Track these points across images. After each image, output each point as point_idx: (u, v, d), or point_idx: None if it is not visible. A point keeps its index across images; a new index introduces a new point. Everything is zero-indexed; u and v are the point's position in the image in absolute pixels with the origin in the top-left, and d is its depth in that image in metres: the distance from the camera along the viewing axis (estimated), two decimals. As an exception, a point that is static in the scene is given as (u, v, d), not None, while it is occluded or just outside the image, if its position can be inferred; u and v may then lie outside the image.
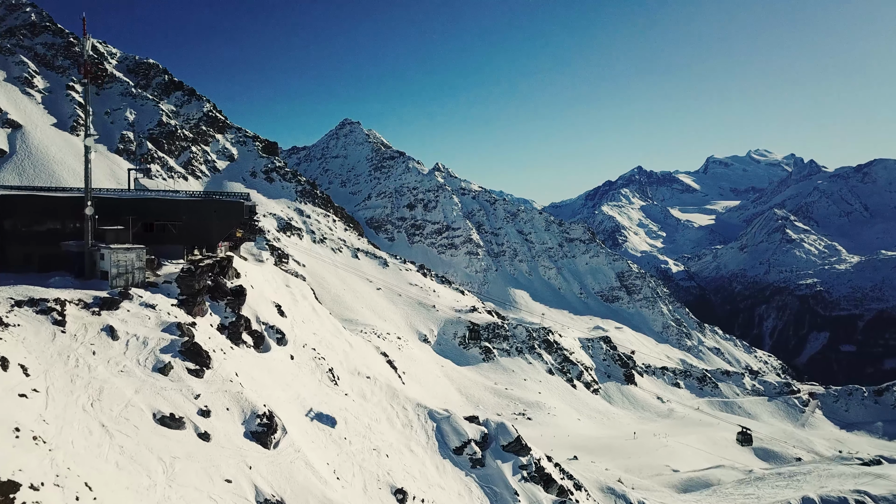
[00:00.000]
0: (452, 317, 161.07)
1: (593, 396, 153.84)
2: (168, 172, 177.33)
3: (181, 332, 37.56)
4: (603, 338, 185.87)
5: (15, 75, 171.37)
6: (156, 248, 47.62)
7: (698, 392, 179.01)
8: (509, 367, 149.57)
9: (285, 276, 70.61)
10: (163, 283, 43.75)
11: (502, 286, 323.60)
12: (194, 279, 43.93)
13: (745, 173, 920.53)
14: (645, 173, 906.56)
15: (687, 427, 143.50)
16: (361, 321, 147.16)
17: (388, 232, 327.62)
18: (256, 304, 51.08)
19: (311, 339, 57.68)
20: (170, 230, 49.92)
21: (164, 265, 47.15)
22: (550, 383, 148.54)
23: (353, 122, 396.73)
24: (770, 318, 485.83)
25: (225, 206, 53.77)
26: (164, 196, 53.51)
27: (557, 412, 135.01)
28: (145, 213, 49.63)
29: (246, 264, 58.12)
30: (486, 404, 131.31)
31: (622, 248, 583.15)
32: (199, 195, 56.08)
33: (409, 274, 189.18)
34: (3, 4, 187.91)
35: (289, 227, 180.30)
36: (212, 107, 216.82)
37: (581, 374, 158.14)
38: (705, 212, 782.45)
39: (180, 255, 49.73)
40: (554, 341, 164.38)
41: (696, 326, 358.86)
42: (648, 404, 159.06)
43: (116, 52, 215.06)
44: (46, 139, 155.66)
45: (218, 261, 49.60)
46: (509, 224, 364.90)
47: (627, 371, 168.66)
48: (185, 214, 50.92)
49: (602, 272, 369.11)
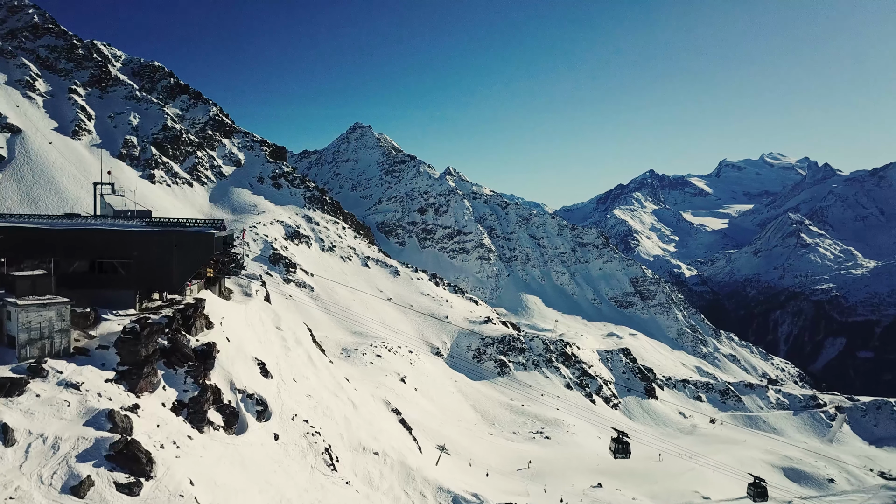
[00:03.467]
0: (466, 328, 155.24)
1: (613, 412, 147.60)
2: (172, 178, 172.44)
3: (113, 425, 27.63)
4: (622, 349, 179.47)
5: (16, 78, 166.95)
6: (98, 295, 37.93)
7: (721, 406, 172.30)
8: (525, 382, 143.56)
9: (276, 315, 60.32)
10: (97, 349, 33.24)
11: (514, 292, 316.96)
12: (140, 342, 33.58)
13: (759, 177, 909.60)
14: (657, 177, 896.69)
15: (712, 444, 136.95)
16: (371, 333, 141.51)
17: (398, 237, 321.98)
18: (231, 363, 40.79)
19: (304, 406, 46.57)
20: (117, 271, 39.58)
21: (105, 320, 36.70)
22: (568, 398, 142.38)
23: (364, 126, 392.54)
24: (785, 324, 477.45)
25: (189, 239, 41.90)
26: (108, 227, 41.20)
27: (576, 430, 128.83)
28: (83, 249, 39.43)
29: (225, 306, 47.70)
30: (502, 422, 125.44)
31: (634, 253, 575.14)
32: (157, 223, 43.74)
33: (421, 283, 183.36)
34: (5, 6, 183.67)
35: (297, 235, 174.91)
36: (218, 111, 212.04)
37: (600, 388, 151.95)
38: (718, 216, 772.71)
39: (131, 303, 39.41)
40: (572, 354, 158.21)
41: (712, 333, 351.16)
42: (670, 420, 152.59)
43: (121, 55, 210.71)
44: (47, 144, 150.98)
45: (181, 309, 39.96)
46: (521, 229, 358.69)
47: (648, 384, 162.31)
48: (138, 250, 39.93)
49: (616, 278, 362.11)
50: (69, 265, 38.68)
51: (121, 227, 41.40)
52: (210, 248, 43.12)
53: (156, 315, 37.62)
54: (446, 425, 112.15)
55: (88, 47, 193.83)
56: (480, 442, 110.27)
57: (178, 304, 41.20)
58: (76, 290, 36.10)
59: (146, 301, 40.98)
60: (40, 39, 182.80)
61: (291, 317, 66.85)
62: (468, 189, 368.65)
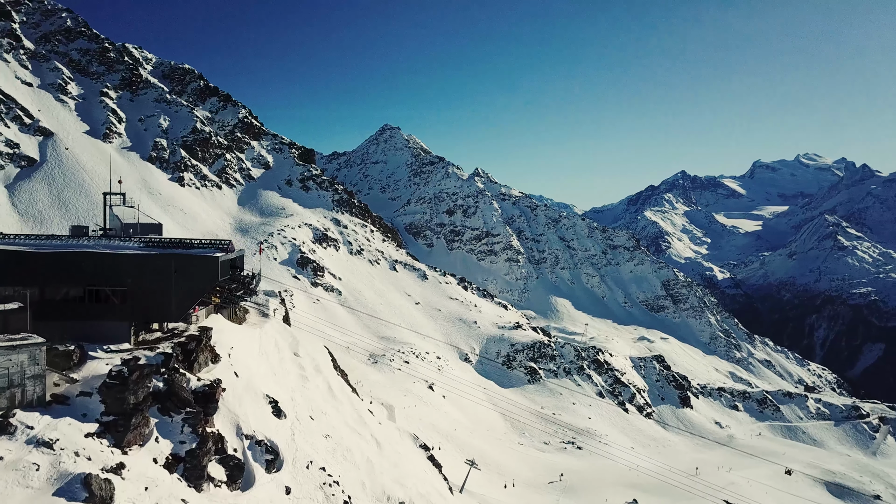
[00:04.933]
0: (495, 334, 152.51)
1: (646, 421, 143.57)
2: (201, 181, 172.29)
3: (89, 494, 22.75)
4: (656, 357, 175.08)
5: (49, 82, 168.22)
6: (87, 328, 33.65)
7: (758, 415, 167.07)
8: (557, 390, 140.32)
9: (294, 339, 54.59)
10: (78, 396, 28.44)
11: (543, 294, 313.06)
12: (127, 388, 28.61)
13: (794, 178, 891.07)
14: (689, 178, 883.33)
15: (750, 457, 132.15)
16: (399, 339, 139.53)
17: (426, 238, 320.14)
18: (239, 403, 35.84)
19: (321, 449, 41.23)
20: (109, 300, 35.17)
21: (92, 358, 31.61)
22: (601, 407, 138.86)
23: (393, 128, 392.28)
24: (821, 329, 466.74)
25: (189, 263, 36.71)
26: (99, 249, 36.27)
27: (609, 440, 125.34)
28: (71, 274, 35.01)
29: (235, 333, 43.31)
30: (533, 431, 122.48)
31: (665, 255, 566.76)
32: (156, 242, 38.80)
33: (449, 287, 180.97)
34: (39, 10, 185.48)
35: (325, 238, 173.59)
36: (247, 113, 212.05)
37: (633, 396, 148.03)
38: (752, 217, 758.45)
39: (125, 336, 34.80)
40: (604, 361, 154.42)
41: (746, 338, 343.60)
42: (706, 430, 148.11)
43: (151, 58, 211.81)
44: (78, 147, 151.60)
45: (182, 343, 35.26)
46: (551, 230, 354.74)
47: (682, 393, 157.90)
48: (132, 276, 35.39)
49: (647, 280, 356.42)
50: (55, 293, 34.45)
51: (113, 250, 36.27)
52: (213, 274, 37.51)
53: (150, 351, 33.05)
54: (475, 435, 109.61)
55: (120, 50, 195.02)
56: (510, 453, 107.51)
57: (180, 335, 37.06)
58: (62, 323, 32.86)
59: (143, 333, 36.76)
60: (73, 43, 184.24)
61: (311, 341, 60.19)
62: (497, 190, 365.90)
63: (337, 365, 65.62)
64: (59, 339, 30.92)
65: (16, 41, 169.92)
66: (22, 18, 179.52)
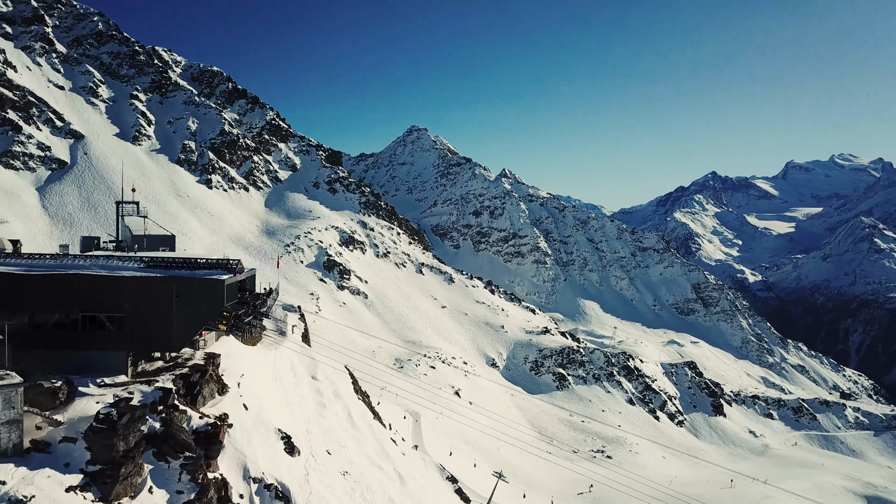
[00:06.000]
0: (523, 339, 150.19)
1: (678, 430, 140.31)
2: (229, 183, 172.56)
3: None
4: (688, 363, 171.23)
5: (80, 85, 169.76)
6: (81, 359, 30.73)
7: (794, 424, 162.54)
8: (586, 397, 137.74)
9: (313, 361, 51.23)
10: (61, 442, 25.09)
11: (571, 297, 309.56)
12: (116, 433, 25.25)
13: (828, 179, 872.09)
14: (719, 179, 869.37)
15: (786, 468, 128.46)
16: (425, 343, 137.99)
17: (453, 240, 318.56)
18: (247, 441, 31.94)
19: (338, 490, 37.28)
20: (105, 327, 31.89)
21: (82, 395, 28.13)
22: (631, 415, 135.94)
23: (421, 129, 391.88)
24: (856, 333, 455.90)
25: (193, 287, 33.07)
26: (93, 271, 32.62)
27: (640, 449, 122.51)
28: (64, 298, 31.57)
29: (247, 357, 40.17)
30: (561, 439, 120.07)
31: (695, 257, 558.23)
32: (159, 261, 35.20)
33: (476, 291, 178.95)
34: (71, 14, 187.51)
35: (351, 241, 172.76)
36: (275, 115, 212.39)
37: (664, 404, 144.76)
38: (784, 219, 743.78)
39: (121, 368, 31.74)
40: (634, 367, 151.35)
41: (779, 342, 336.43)
42: (740, 439, 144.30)
43: (181, 60, 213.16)
44: (108, 149, 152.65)
45: (185, 374, 32.01)
46: (579, 232, 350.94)
47: (715, 400, 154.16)
48: (130, 300, 31.99)
49: (677, 283, 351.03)
50: (45, 319, 31.20)
51: (110, 271, 32.87)
52: (219, 299, 33.68)
53: (148, 386, 29.68)
54: (503, 443, 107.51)
55: (150, 53, 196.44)
56: (538, 462, 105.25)
57: (183, 364, 33.90)
58: (53, 352, 30.20)
59: (143, 362, 33.57)
60: (104, 46, 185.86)
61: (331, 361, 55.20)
62: (524, 191, 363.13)
63: (358, 388, 62.13)
64: (49, 371, 28.32)
65: (48, 45, 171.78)
66: (55, 23, 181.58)
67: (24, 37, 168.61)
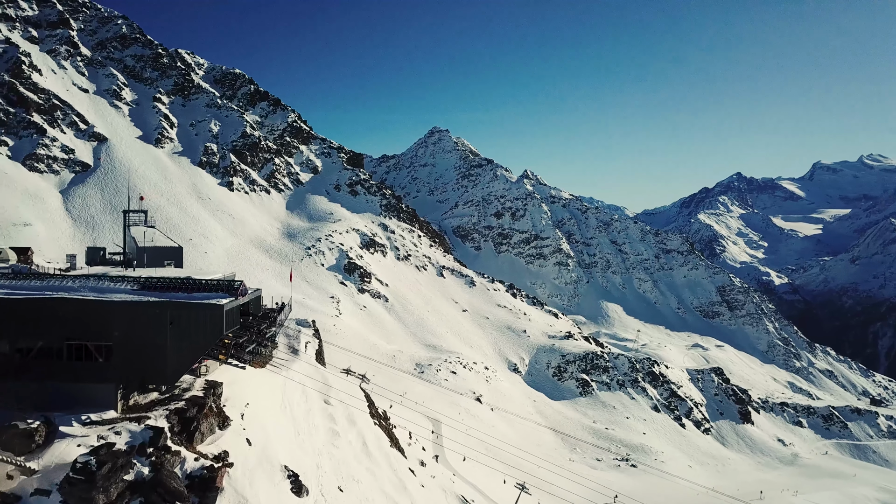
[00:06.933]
0: (545, 344, 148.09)
1: (704, 437, 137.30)
2: (250, 185, 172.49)
3: None
4: (714, 369, 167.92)
5: (104, 88, 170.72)
6: (65, 392, 28.19)
7: (824, 432, 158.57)
8: (609, 403, 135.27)
9: (326, 383, 47.57)
10: (33, 495, 22.34)
11: (594, 299, 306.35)
12: (94, 486, 22.26)
13: (856, 180, 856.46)
14: (745, 180, 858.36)
15: (817, 478, 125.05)
16: (446, 348, 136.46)
17: (474, 241, 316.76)
18: (249, 483, 28.56)
19: None
20: (92, 356, 28.86)
21: (64, 436, 25.02)
22: (656, 422, 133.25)
23: (442, 130, 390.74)
24: (886, 337, 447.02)
25: (188, 314, 29.76)
26: (80, 295, 29.37)
27: (665, 457, 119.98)
28: (47, 325, 28.68)
29: (253, 383, 36.76)
30: (584, 447, 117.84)
31: (720, 259, 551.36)
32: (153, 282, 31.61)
33: (498, 294, 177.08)
34: (96, 17, 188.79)
35: (372, 244, 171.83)
36: (296, 117, 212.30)
37: (690, 411, 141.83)
38: (811, 221, 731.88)
39: (110, 402, 28.64)
40: (660, 373, 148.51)
41: (806, 346, 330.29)
42: (768, 447, 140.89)
43: (204, 63, 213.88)
44: (130, 152, 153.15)
45: (180, 409, 28.83)
46: (602, 234, 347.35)
47: (743, 408, 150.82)
48: (119, 328, 29.05)
49: (701, 286, 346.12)
50: (27, 348, 28.11)
51: (99, 294, 29.50)
52: (217, 326, 30.14)
53: (138, 424, 26.31)
54: (525, 451, 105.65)
55: (173, 56, 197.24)
56: (561, 471, 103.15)
57: (180, 397, 30.51)
58: (35, 385, 27.43)
59: (136, 394, 30.28)
60: (128, 49, 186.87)
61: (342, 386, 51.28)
62: (546, 193, 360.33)
63: (374, 410, 58.60)
64: (30, 405, 25.79)
65: (73, 48, 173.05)
66: (80, 26, 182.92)
67: (50, 40, 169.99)
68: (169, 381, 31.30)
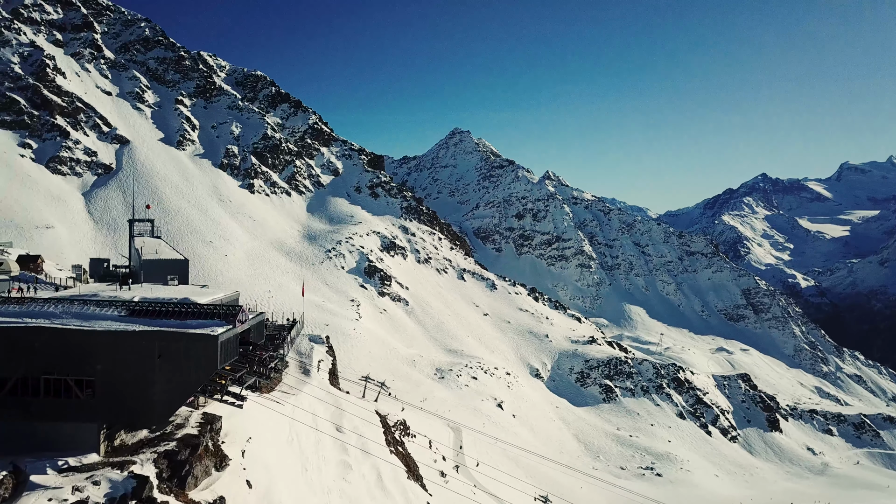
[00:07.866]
0: (568, 349, 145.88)
1: (731, 446, 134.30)
2: (271, 188, 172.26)
3: None
4: (741, 375, 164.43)
5: (127, 90, 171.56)
6: (37, 433, 25.41)
7: (855, 441, 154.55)
8: (634, 410, 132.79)
9: (339, 411, 44.37)
10: None
11: (616, 301, 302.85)
12: None
13: (885, 181, 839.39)
14: (770, 181, 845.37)
15: (849, 489, 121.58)
16: (467, 352, 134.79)
17: (495, 243, 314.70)
18: None
19: None
20: (72, 392, 25.86)
21: (34, 488, 21.72)
22: (681, 429, 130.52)
23: (463, 132, 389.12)
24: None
25: (179, 345, 26.64)
26: (59, 323, 26.42)
27: (691, 466, 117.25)
28: (18, 358, 25.77)
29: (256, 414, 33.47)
30: (608, 455, 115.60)
31: (744, 261, 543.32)
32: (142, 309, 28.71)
33: (519, 298, 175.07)
34: (120, 20, 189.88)
35: (393, 247, 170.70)
36: (317, 119, 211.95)
37: (716, 418, 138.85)
38: (838, 222, 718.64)
39: (91, 444, 25.58)
40: (685, 380, 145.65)
41: (834, 350, 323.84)
42: (797, 456, 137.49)
43: (225, 65, 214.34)
44: (152, 154, 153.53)
45: (171, 452, 25.77)
46: (624, 235, 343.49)
47: (770, 415, 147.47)
48: (102, 361, 26.02)
49: (726, 288, 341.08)
50: (1, 382, 25.54)
51: (82, 321, 26.45)
52: (211, 359, 26.76)
53: (120, 472, 22.98)
54: (547, 459, 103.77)
55: (195, 58, 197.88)
56: (584, 480, 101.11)
57: (172, 436, 27.17)
58: (5, 425, 25.08)
59: (123, 433, 27.12)
60: (150, 52, 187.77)
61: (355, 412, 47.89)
62: (568, 194, 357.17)
63: (391, 437, 54.26)
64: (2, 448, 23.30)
65: (97, 51, 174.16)
66: (103, 29, 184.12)
67: (74, 43, 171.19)
68: (157, 422, 28.23)
